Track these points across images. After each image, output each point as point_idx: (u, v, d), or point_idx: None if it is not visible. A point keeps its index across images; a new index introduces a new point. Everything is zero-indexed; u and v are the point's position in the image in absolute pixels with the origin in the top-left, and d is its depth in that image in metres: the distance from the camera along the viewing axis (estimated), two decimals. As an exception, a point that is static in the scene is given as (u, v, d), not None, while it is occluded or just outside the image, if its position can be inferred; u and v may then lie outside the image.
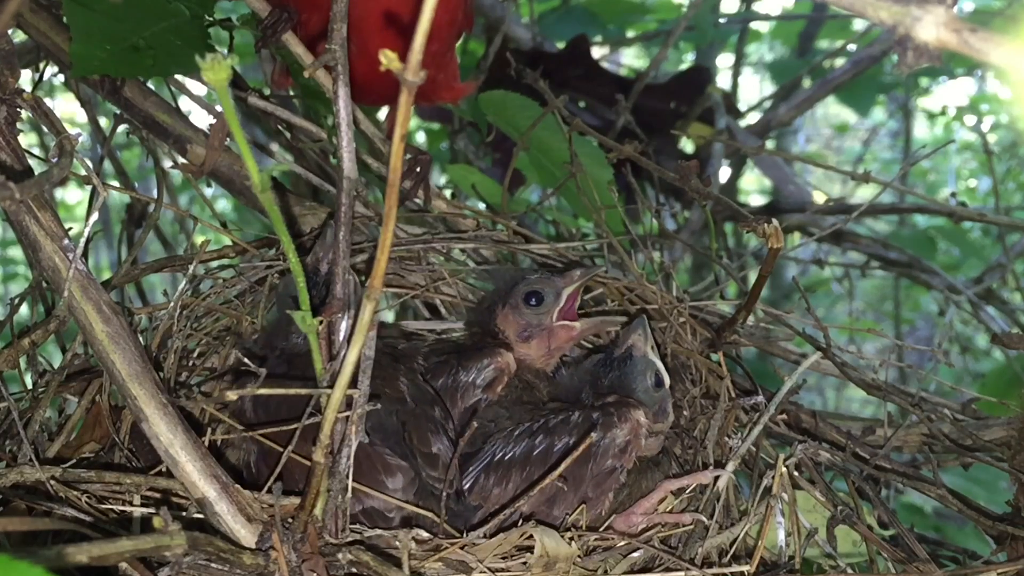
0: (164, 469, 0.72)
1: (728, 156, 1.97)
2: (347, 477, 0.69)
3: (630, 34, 2.33)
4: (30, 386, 0.92)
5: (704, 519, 0.81)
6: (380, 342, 0.94)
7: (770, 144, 2.35)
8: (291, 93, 1.42)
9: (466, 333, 1.03)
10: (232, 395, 0.73)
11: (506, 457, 0.84)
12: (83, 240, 0.75)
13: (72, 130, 0.78)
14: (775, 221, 0.82)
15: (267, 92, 1.16)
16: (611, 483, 0.83)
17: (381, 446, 0.80)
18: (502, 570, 0.73)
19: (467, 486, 0.84)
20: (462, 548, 0.74)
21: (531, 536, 0.74)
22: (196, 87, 1.15)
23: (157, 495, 0.75)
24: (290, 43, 1.00)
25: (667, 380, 0.92)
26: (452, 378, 0.92)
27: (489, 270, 1.08)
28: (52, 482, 0.74)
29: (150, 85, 1.11)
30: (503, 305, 0.97)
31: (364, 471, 0.77)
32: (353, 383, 0.65)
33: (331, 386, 0.64)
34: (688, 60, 3.00)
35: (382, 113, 2.13)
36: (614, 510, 0.84)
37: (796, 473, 0.86)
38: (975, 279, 1.93)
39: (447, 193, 1.27)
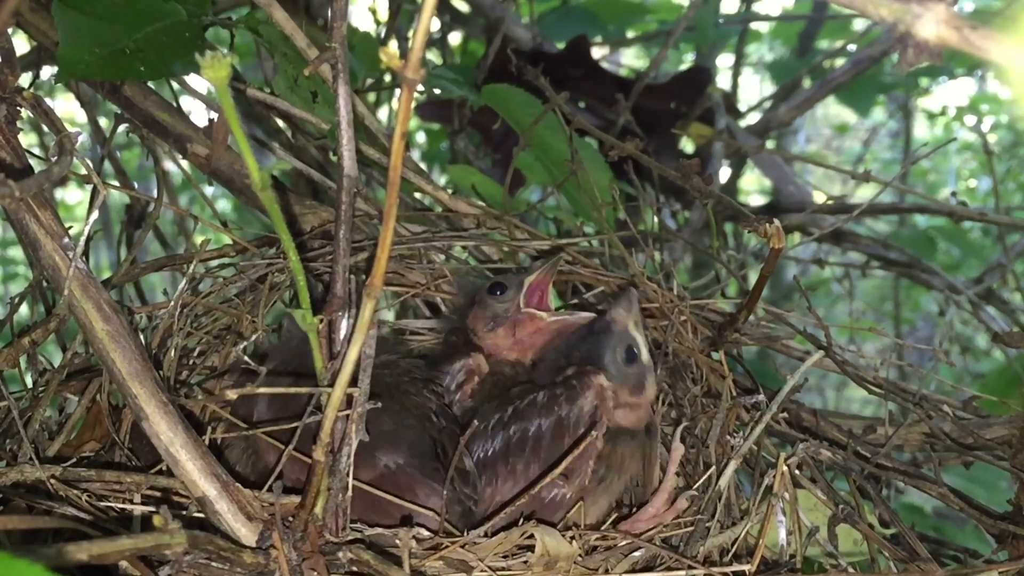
0: (164, 468, 0.72)
1: (728, 156, 1.97)
2: (347, 475, 0.69)
3: (630, 34, 2.33)
4: (30, 385, 0.92)
5: (695, 492, 0.82)
6: (404, 363, 0.95)
7: (770, 144, 2.35)
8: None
9: (441, 341, 1.05)
10: (232, 394, 0.73)
11: (488, 454, 0.85)
12: (83, 239, 0.75)
13: (72, 129, 0.78)
14: (776, 221, 0.82)
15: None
16: (590, 451, 0.83)
17: (418, 474, 0.80)
18: (503, 569, 0.73)
19: None
20: (463, 547, 0.74)
21: (532, 535, 0.74)
22: (198, 83, 1.15)
23: (157, 494, 0.75)
24: (295, 38, 1.00)
25: (644, 354, 0.91)
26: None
27: (455, 281, 1.10)
28: (52, 481, 0.74)
29: (150, 84, 1.11)
30: (472, 305, 1.00)
31: (406, 498, 0.77)
32: (353, 382, 0.65)
33: (331, 384, 0.64)
34: (688, 60, 3.00)
35: (383, 112, 2.13)
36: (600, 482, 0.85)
37: (797, 472, 0.86)
38: (975, 279, 1.92)
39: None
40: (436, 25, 2.10)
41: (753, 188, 3.49)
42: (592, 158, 1.22)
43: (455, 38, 2.29)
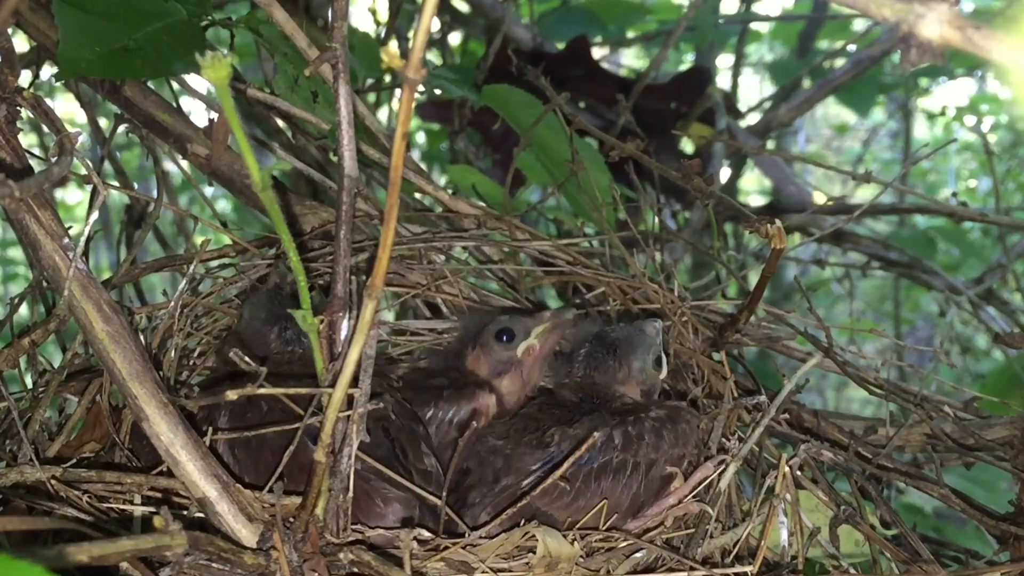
0: (165, 469, 0.72)
1: (728, 156, 1.97)
2: (348, 477, 0.68)
3: (630, 34, 2.33)
4: (30, 386, 0.92)
5: (709, 509, 0.82)
6: None
7: (770, 144, 2.35)
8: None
9: (442, 376, 1.01)
10: (232, 394, 0.73)
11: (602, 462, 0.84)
12: (83, 239, 0.75)
13: (72, 129, 0.77)
14: (778, 222, 0.82)
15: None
16: (662, 488, 0.85)
17: (377, 480, 0.79)
18: (504, 570, 0.72)
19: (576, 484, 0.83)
20: (464, 548, 0.74)
21: (533, 536, 0.73)
22: (198, 83, 1.15)
23: (158, 495, 0.75)
24: (295, 38, 0.99)
25: (664, 372, 0.94)
26: (431, 411, 0.92)
27: (458, 317, 1.09)
28: (52, 482, 0.74)
29: (150, 84, 1.10)
30: (473, 347, 0.98)
31: (361, 506, 0.76)
32: (354, 382, 0.65)
33: (332, 385, 0.64)
34: (688, 60, 3.00)
35: (383, 112, 2.13)
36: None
37: (799, 473, 0.86)
38: (975, 279, 1.92)
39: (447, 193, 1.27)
40: (436, 25, 2.10)
41: (753, 188, 3.48)
42: (592, 158, 1.22)
43: (455, 38, 2.29)
